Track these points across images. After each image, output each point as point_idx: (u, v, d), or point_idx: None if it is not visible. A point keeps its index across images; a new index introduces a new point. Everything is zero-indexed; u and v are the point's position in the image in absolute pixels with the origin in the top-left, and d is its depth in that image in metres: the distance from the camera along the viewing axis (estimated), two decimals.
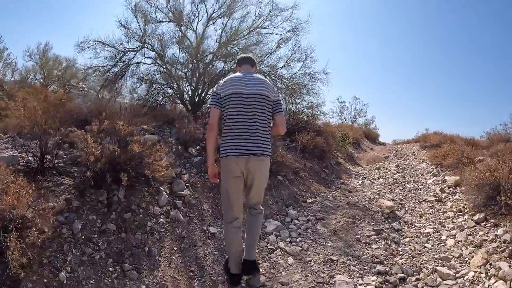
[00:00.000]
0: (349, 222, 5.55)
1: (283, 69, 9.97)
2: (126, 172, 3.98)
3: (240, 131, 3.38)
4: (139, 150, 4.06)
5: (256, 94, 3.43)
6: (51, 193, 4.05)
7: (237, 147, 3.35)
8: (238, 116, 3.39)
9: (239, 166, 3.38)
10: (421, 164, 12.41)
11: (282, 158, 7.05)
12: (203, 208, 5.01)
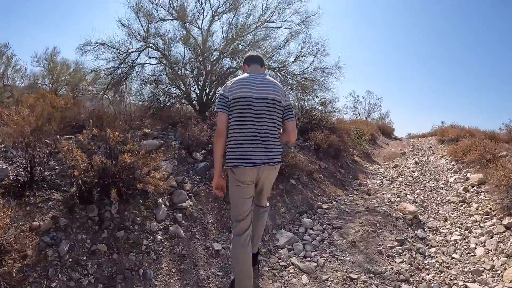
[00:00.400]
0: (369, 231, 5.05)
1: (293, 64, 9.49)
2: (116, 186, 3.54)
3: (250, 139, 3.10)
4: (131, 161, 3.60)
5: (266, 98, 3.17)
6: (38, 210, 3.70)
7: (250, 157, 3.08)
8: (248, 122, 3.11)
9: (250, 176, 3.12)
10: (440, 160, 11.87)
11: (295, 160, 6.56)
12: (207, 220, 4.54)
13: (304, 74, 9.45)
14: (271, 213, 5.33)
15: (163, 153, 5.58)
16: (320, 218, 5.72)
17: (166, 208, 4.25)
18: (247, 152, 3.07)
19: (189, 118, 7.76)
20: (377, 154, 13.54)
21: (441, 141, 15.65)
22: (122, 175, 3.63)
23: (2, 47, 15.10)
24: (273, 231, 5.02)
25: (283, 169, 6.20)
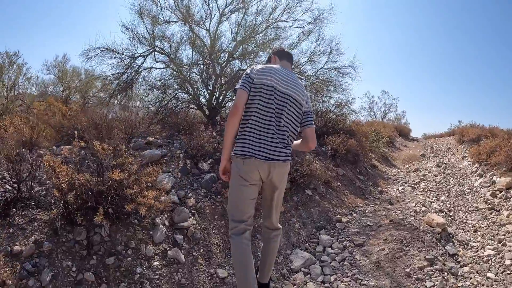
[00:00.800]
0: (395, 249, 4.51)
1: (306, 64, 9.00)
2: (104, 207, 3.06)
3: (268, 131, 2.75)
4: (120, 178, 3.12)
5: (290, 96, 2.87)
6: (21, 232, 3.31)
7: (264, 149, 2.71)
8: (268, 114, 2.77)
9: (260, 172, 2.73)
10: (461, 161, 11.33)
11: (311, 168, 6.03)
12: (212, 242, 4.01)
13: (318, 75, 8.95)
14: (285, 230, 4.81)
15: (166, 164, 5.14)
16: (340, 234, 5.18)
17: (165, 229, 3.76)
18: (261, 144, 2.72)
19: (197, 124, 7.28)
20: (395, 157, 12.91)
21: (460, 141, 14.91)
22: (110, 195, 3.14)
23: (13, 55, 15.09)
24: (287, 251, 4.49)
25: (298, 179, 5.68)
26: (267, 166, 2.71)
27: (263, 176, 2.76)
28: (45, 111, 11.11)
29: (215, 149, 5.77)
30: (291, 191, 5.61)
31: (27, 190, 3.64)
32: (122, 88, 9.02)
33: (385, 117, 28.55)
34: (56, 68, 16.30)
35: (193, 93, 8.78)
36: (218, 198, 4.59)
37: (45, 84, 16.60)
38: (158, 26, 8.67)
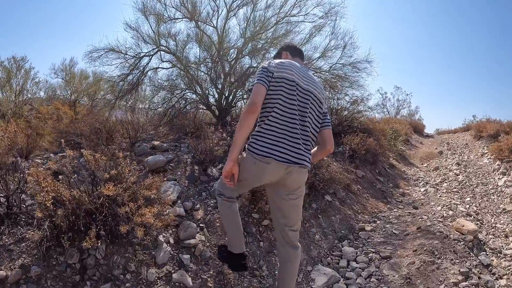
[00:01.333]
0: (427, 262, 4.05)
1: (319, 60, 8.55)
2: (95, 228, 2.62)
3: (290, 131, 2.43)
4: (114, 193, 2.67)
5: (312, 92, 2.58)
6: (7, 255, 2.86)
7: (284, 150, 2.39)
8: (291, 111, 2.46)
9: (274, 176, 2.44)
10: (481, 158, 10.86)
11: (330, 172, 5.55)
12: None
13: (332, 71, 8.46)
14: (305, 243, 4.34)
15: (172, 171, 4.71)
16: (364, 245, 4.70)
17: (169, 248, 3.29)
18: (282, 143, 2.40)
19: (205, 125, 6.84)
20: (413, 155, 12.37)
21: (477, 137, 14.30)
22: (103, 214, 2.70)
23: (20, 60, 15.17)
24: (308, 267, 4.01)
25: (317, 184, 5.21)
26: (283, 169, 2.40)
27: (276, 178, 2.46)
28: (50, 116, 10.84)
29: (225, 153, 5.31)
30: (310, 197, 5.13)
31: (17, 205, 3.22)
32: (127, 89, 8.66)
33: (398, 113, 27.99)
34: (64, 72, 16.27)
35: (201, 93, 8.41)
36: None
37: (53, 88, 16.62)
38: (163, 24, 8.30)
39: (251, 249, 3.83)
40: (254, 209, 4.31)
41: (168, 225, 3.45)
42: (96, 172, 2.93)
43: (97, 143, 4.92)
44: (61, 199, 2.67)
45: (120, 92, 8.73)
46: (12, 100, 14.36)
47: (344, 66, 8.52)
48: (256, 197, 4.32)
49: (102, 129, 5.12)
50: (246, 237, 3.94)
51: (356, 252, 4.48)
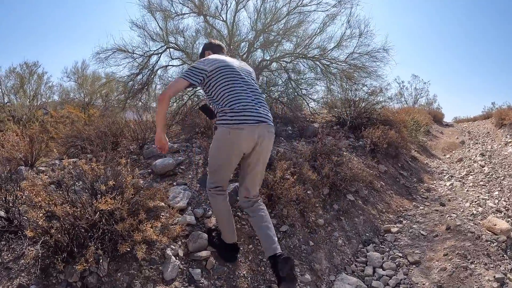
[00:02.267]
0: (459, 267, 3.73)
1: (334, 50, 8.14)
2: (94, 246, 2.34)
3: (245, 100, 2.86)
4: (112, 207, 2.38)
5: (247, 70, 3.16)
6: (5, 273, 2.59)
7: (251, 114, 2.81)
8: (238, 85, 2.92)
9: (248, 142, 2.82)
10: (505, 148, 10.31)
11: (352, 168, 5.21)
12: (238, 273, 3.21)
13: (349, 61, 8.08)
14: (327, 249, 4.01)
15: (182, 175, 4.42)
16: (391, 248, 4.36)
17: (177, 262, 2.99)
18: (247, 109, 2.81)
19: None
20: (434, 146, 11.90)
21: (499, 125, 13.63)
22: (99, 231, 2.42)
23: (32, 66, 15.33)
24: (331, 276, 3.68)
25: (339, 184, 4.88)
26: (257, 130, 2.79)
27: (251, 144, 2.83)
28: (63, 120, 10.74)
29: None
30: (331, 198, 4.80)
31: (17, 218, 2.98)
32: (138, 89, 8.51)
33: (417, 103, 27.27)
34: (76, 75, 16.45)
35: None
36: (244, 215, 3.81)
37: (66, 91, 16.90)
38: (170, 21, 8.06)
39: (268, 259, 3.53)
40: (271, 213, 4.00)
41: (177, 236, 3.16)
42: (94, 184, 2.64)
43: (103, 147, 4.67)
44: (55, 214, 2.40)
45: (131, 92, 8.55)
46: (26, 105, 14.43)
47: (361, 56, 8.12)
48: (272, 202, 4.00)
49: (108, 132, 4.86)
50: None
51: (382, 257, 4.14)
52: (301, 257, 3.74)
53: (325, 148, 5.32)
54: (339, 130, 7.56)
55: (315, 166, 4.93)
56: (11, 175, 3.63)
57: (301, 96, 8.32)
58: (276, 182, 3.99)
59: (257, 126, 2.78)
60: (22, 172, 4.13)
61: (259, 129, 2.79)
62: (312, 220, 4.25)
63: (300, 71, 8.28)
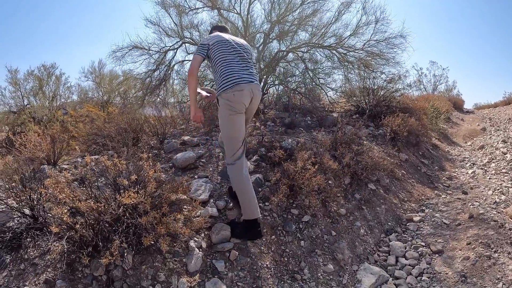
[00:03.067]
0: (482, 256, 3.66)
1: (350, 38, 8.03)
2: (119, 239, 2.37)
3: (241, 64, 3.40)
4: (135, 201, 2.40)
5: (243, 45, 3.57)
6: (32, 269, 2.65)
7: (244, 75, 3.34)
8: (233, 56, 3.41)
9: (247, 97, 3.32)
10: None
11: (373, 156, 5.17)
12: (261, 264, 3.22)
13: (366, 48, 7.97)
14: (349, 238, 3.99)
15: (203, 168, 4.45)
16: (413, 237, 4.31)
17: (201, 254, 3.02)
18: (241, 73, 3.32)
19: None
20: (455, 133, 11.71)
21: None
22: (123, 225, 2.45)
23: (50, 68, 15.62)
24: (354, 266, 3.66)
25: (360, 173, 4.84)
26: (250, 90, 3.29)
27: (248, 102, 3.32)
28: (83, 119, 10.92)
29: (259, 143, 5.01)
30: (352, 187, 4.77)
31: (42, 215, 3.03)
32: (155, 85, 8.55)
33: (436, 89, 26.76)
34: (93, 74, 16.78)
35: None
36: (266, 206, 3.81)
37: (84, 91, 17.14)
38: (184, 16, 8.08)
39: (290, 249, 3.51)
40: (293, 204, 3.99)
41: (200, 228, 3.18)
42: (117, 179, 2.68)
43: (124, 143, 4.72)
44: (80, 210, 2.44)
45: (149, 88, 8.60)
46: (46, 106, 14.69)
47: (378, 43, 8.00)
48: (294, 192, 3.99)
49: (128, 128, 4.91)
50: (285, 236, 3.63)
51: (405, 246, 4.10)
52: (324, 247, 3.73)
53: (345, 137, 5.28)
54: (358, 119, 7.50)
55: (335, 156, 4.90)
56: (34, 174, 3.71)
57: (319, 86, 8.25)
58: (298, 173, 3.97)
59: (249, 84, 3.29)
60: (45, 170, 4.21)
61: (252, 86, 3.30)
62: (334, 210, 4.23)
63: (317, 61, 8.21)
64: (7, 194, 3.08)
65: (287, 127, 6.35)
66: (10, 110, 14.50)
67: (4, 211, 3.08)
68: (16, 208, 3.00)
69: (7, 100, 14.56)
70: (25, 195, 2.97)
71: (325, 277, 3.39)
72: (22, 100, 14.63)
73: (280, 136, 5.54)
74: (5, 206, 3.03)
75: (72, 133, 8.18)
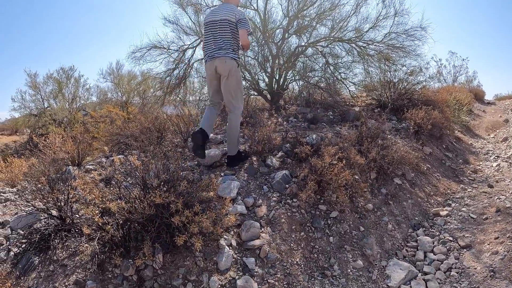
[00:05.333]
0: (511, 249, 3.57)
1: (370, 32, 7.89)
2: (150, 239, 2.38)
3: (208, 44, 4.33)
4: (165, 201, 2.41)
5: (211, 20, 4.30)
6: (61, 270, 2.71)
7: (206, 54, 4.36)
8: (206, 35, 4.40)
9: (211, 67, 4.27)
10: None
11: (397, 150, 5.11)
12: (291, 261, 3.20)
13: (386, 41, 7.85)
14: (377, 234, 3.95)
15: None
16: (441, 232, 4.25)
17: (231, 251, 3.02)
18: (206, 52, 4.36)
19: (259, 112, 6.52)
20: (477, 126, 11.43)
21: None
22: (155, 225, 2.46)
23: (69, 70, 15.95)
24: (382, 262, 3.63)
25: (386, 167, 4.78)
26: (213, 62, 4.17)
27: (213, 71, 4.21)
28: (104, 119, 11.04)
29: (283, 139, 4.98)
30: (378, 182, 4.71)
31: (70, 216, 3.07)
32: (175, 84, 8.61)
33: (456, 81, 26.24)
34: (112, 75, 17.15)
35: (251, 78, 8.11)
36: (294, 203, 3.79)
37: (103, 92, 17.55)
38: (202, 14, 8.04)
39: (320, 245, 3.49)
40: (321, 199, 3.96)
41: (229, 226, 3.18)
42: (146, 178, 2.69)
43: (149, 142, 4.75)
44: (109, 210, 2.46)
45: (168, 87, 8.65)
46: (66, 108, 14.92)
47: (398, 35, 7.85)
48: (322, 188, 3.96)
49: (152, 128, 4.93)
50: (314, 233, 3.61)
51: (433, 241, 4.05)
52: (352, 242, 3.70)
53: (369, 132, 5.21)
54: (380, 113, 7.40)
55: (361, 150, 4.84)
56: (60, 175, 3.75)
57: (340, 80, 8.17)
58: (325, 168, 3.94)
59: (211, 61, 4.19)
60: (70, 171, 4.26)
61: (212, 62, 4.17)
62: (361, 205, 4.18)
63: (337, 55, 8.12)
64: (33, 196, 3.12)
65: (309, 122, 6.31)
66: (31, 113, 14.80)
67: (32, 213, 3.13)
68: (43, 210, 3.04)
69: (28, 104, 14.97)
70: (53, 197, 3.00)
71: (355, 273, 3.36)
72: (42, 103, 14.94)
73: (304, 131, 5.51)
74: (32, 208, 3.08)
75: (93, 134, 8.29)
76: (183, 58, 8.40)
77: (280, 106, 7.57)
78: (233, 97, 4.24)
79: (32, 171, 4.24)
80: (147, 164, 2.74)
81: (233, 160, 4.38)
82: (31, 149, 6.14)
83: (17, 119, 15.80)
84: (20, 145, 12.64)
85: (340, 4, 7.86)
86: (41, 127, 13.78)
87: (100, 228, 2.50)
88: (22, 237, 2.99)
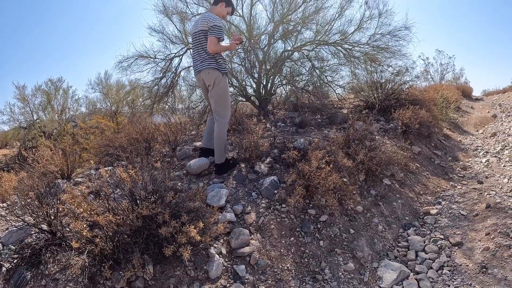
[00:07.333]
0: (502, 246, 3.61)
1: (355, 34, 7.97)
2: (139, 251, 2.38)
3: (193, 57, 4.62)
4: (154, 212, 2.41)
5: (193, 33, 4.48)
6: (53, 284, 2.68)
7: (194, 67, 4.56)
8: (192, 48, 4.61)
9: (198, 80, 4.54)
10: None
11: (386, 151, 5.15)
12: (281, 267, 3.22)
13: (371, 43, 7.92)
14: (368, 235, 3.97)
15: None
16: (432, 231, 4.28)
17: (221, 260, 3.02)
18: (194, 65, 4.55)
19: (246, 118, 6.53)
20: (466, 122, 11.55)
21: None
22: (143, 236, 2.46)
23: (57, 82, 15.79)
24: (374, 263, 3.65)
25: (375, 168, 4.80)
26: (200, 75, 4.36)
27: (202, 82, 4.42)
28: (93, 130, 10.99)
29: (271, 145, 5.00)
30: (367, 183, 4.75)
31: (60, 230, 3.05)
32: (163, 92, 8.57)
33: (443, 79, 26.49)
34: (100, 85, 16.81)
35: (238, 85, 8.10)
36: (283, 208, 3.81)
37: (92, 102, 17.29)
38: (187, 22, 8.06)
39: (310, 250, 3.51)
40: (310, 204, 3.98)
41: (219, 234, 3.18)
42: (133, 190, 2.69)
43: (137, 154, 4.74)
44: (98, 223, 2.45)
45: (157, 96, 8.63)
46: (55, 120, 14.84)
47: (383, 36, 7.93)
48: (310, 192, 3.98)
49: (140, 138, 4.93)
50: (304, 237, 3.63)
51: (424, 240, 4.07)
52: (343, 245, 3.72)
53: (357, 134, 5.24)
54: (368, 114, 7.45)
55: (349, 153, 4.87)
56: (50, 189, 3.73)
57: (326, 83, 8.22)
58: (313, 172, 3.95)
59: (198, 74, 4.39)
60: (60, 185, 4.23)
61: (199, 75, 4.36)
62: (351, 208, 4.21)
63: (323, 58, 8.17)
64: (23, 211, 3.10)
65: (298, 126, 6.34)
66: (20, 126, 14.69)
67: (22, 228, 3.11)
68: (33, 225, 3.02)
69: (17, 116, 14.77)
70: (42, 211, 2.98)
71: (346, 276, 3.38)
72: (31, 115, 14.79)
73: (292, 136, 5.53)
74: (22, 223, 3.06)
75: (83, 146, 8.24)
76: (170, 66, 8.37)
77: (269, 111, 7.60)
78: (219, 106, 4.35)
79: (22, 185, 4.21)
80: (133, 176, 2.74)
81: (221, 168, 4.46)
82: (20, 163, 6.09)
83: (6, 133, 15.68)
84: (10, 158, 12.55)
85: (325, 8, 7.92)
86: (31, 140, 13.67)
87: (89, 241, 2.49)
88: (14, 252, 2.97)
